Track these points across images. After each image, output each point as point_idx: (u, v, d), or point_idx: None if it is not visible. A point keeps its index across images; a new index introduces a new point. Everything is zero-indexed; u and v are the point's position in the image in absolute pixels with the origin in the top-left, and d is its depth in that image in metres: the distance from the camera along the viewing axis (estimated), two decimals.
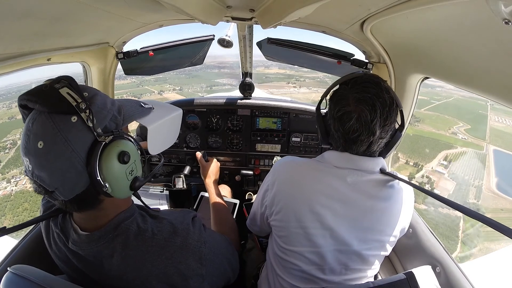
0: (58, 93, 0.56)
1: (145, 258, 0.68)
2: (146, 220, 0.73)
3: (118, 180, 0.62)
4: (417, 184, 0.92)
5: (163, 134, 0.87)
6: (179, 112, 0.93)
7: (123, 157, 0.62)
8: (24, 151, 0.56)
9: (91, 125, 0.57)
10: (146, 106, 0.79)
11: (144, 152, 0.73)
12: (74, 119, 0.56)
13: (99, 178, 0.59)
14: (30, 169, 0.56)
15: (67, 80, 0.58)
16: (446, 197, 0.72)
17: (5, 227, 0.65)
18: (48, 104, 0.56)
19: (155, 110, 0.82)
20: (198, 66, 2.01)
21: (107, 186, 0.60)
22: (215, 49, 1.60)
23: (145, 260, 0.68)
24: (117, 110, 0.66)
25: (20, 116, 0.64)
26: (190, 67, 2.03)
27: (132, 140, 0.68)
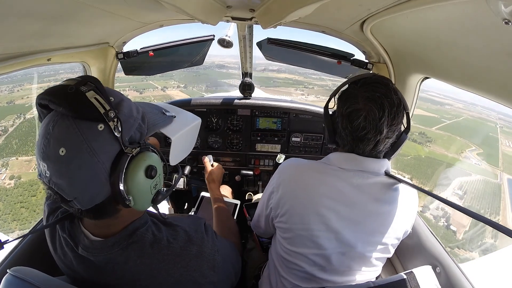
0: (85, 97, 0.52)
1: (160, 266, 0.68)
2: (160, 228, 0.72)
3: (142, 193, 0.61)
4: (422, 187, 0.92)
5: (184, 143, 0.86)
6: (198, 121, 0.90)
7: (150, 172, 0.60)
8: (42, 155, 0.52)
9: (118, 135, 0.54)
10: (168, 114, 0.76)
11: (167, 166, 0.71)
12: (101, 127, 0.53)
13: (123, 190, 0.56)
14: (47, 175, 0.53)
15: (93, 83, 0.55)
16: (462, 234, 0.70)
17: (7, 240, 0.63)
18: (74, 109, 0.52)
19: (177, 119, 0.80)
20: (206, 65, 2.01)
21: (131, 199, 0.58)
22: (223, 49, 1.58)
23: (161, 269, 0.68)
24: (142, 118, 0.64)
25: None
26: (198, 66, 2.03)
27: (157, 152, 0.66)
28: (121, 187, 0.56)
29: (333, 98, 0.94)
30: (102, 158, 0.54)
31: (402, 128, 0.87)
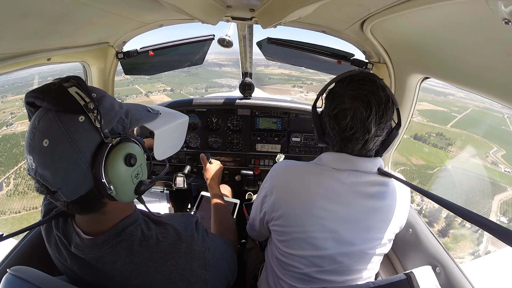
0: (66, 92, 0.56)
1: (149, 265, 0.68)
2: (150, 226, 0.73)
3: (123, 183, 0.62)
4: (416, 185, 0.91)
5: (169, 139, 0.88)
6: (185, 118, 0.93)
7: (129, 160, 0.61)
8: (28, 148, 0.55)
9: (98, 125, 0.57)
10: (153, 111, 0.79)
11: (150, 157, 0.72)
12: (81, 118, 0.56)
13: (104, 180, 0.58)
14: (33, 167, 0.55)
15: (76, 80, 0.58)
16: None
17: (2, 234, 0.64)
18: (55, 102, 0.55)
19: (162, 116, 0.82)
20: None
21: (112, 188, 0.59)
22: (218, 47, 1.56)
23: (150, 267, 0.68)
24: (125, 113, 0.66)
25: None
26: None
27: (139, 143, 0.67)
28: (102, 175, 0.57)
29: (320, 97, 0.93)
30: (83, 148, 0.56)
31: (393, 124, 0.87)
